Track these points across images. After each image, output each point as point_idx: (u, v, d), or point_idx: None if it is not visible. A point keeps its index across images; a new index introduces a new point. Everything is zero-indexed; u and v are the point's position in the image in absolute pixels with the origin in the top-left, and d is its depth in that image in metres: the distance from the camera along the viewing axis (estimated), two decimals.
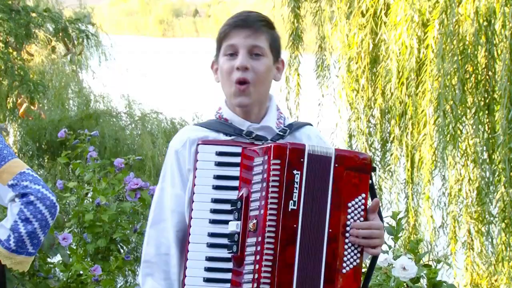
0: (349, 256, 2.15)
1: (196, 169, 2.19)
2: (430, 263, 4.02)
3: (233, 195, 2.17)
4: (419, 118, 7.24)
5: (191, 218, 2.18)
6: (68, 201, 5.31)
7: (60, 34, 9.10)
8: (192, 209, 2.18)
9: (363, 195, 2.17)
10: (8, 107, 11.41)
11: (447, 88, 6.68)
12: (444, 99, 6.70)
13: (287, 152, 2.12)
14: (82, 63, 14.91)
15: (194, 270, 2.14)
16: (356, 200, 2.17)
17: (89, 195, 5.09)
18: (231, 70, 2.27)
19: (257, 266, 2.08)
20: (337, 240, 2.14)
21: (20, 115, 9.75)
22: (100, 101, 14.70)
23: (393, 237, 3.92)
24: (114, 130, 13.45)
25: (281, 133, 2.33)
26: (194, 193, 2.18)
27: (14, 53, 9.26)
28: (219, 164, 2.19)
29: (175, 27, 67.06)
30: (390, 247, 3.99)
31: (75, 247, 4.66)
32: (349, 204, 2.16)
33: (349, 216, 2.16)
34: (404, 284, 3.59)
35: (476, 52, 6.78)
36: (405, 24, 7.08)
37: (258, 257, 2.09)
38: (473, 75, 6.92)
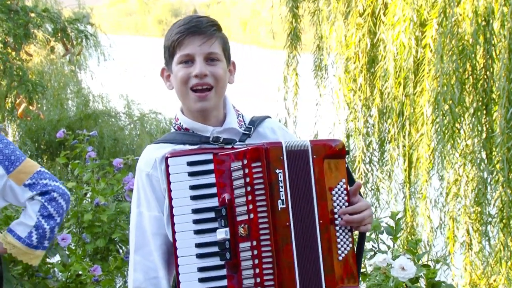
0: (342, 243, 2.18)
1: (171, 183, 2.16)
2: (429, 263, 4.03)
3: (213, 202, 2.15)
4: (417, 117, 7.24)
5: (175, 232, 2.14)
6: None
7: (59, 34, 9.09)
8: (174, 223, 2.15)
9: (343, 180, 2.20)
10: (7, 108, 11.41)
11: (445, 88, 6.67)
12: (442, 99, 6.69)
13: (265, 153, 2.12)
14: (81, 63, 14.94)
15: (188, 283, 2.12)
16: (338, 186, 2.19)
17: (88, 195, 5.10)
18: (187, 78, 2.25)
19: (257, 270, 2.08)
20: (328, 229, 2.16)
21: (19, 116, 9.75)
22: (99, 101, 14.73)
23: (392, 237, 3.93)
24: (113, 130, 13.48)
25: (247, 132, 2.31)
26: (173, 207, 2.15)
27: (13, 53, 9.25)
28: (192, 174, 2.16)
29: None
30: (389, 247, 4.00)
31: (74, 247, 4.66)
32: (333, 192, 2.18)
33: (335, 204, 2.18)
34: (403, 284, 3.59)
35: (474, 52, 6.77)
36: (403, 24, 7.08)
37: (257, 261, 2.08)
38: (472, 75, 6.91)
